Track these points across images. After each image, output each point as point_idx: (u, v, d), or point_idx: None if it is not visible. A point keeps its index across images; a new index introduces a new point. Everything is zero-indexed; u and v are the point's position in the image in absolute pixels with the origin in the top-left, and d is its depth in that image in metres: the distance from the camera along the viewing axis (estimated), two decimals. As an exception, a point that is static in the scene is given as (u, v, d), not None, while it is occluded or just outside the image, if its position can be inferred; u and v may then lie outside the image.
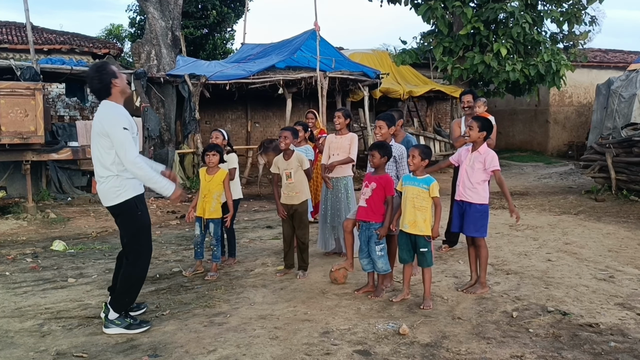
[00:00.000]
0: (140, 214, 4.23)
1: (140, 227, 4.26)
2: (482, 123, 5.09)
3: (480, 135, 5.06)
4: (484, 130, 5.06)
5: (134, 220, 4.22)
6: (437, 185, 4.83)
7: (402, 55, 18.41)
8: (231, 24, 24.72)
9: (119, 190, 4.14)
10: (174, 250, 7.08)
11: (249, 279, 5.67)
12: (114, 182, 4.15)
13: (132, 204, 4.18)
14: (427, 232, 4.78)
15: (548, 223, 8.65)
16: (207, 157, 5.86)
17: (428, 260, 4.80)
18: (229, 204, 5.92)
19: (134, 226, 4.24)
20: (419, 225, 4.77)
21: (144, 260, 4.34)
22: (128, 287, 4.29)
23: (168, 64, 14.44)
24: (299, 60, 14.75)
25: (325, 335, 4.11)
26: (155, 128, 12.36)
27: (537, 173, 16.60)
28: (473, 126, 5.07)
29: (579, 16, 17.58)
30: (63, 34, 18.99)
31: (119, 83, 4.20)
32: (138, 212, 4.21)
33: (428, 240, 4.79)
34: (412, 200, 4.80)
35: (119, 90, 4.22)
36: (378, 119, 5.56)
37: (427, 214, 4.78)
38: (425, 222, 4.77)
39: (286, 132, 5.78)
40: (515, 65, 16.66)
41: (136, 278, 4.32)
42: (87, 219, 9.45)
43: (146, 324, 4.30)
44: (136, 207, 4.21)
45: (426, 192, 4.76)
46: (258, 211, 10.56)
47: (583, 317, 4.50)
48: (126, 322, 4.21)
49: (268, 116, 18.72)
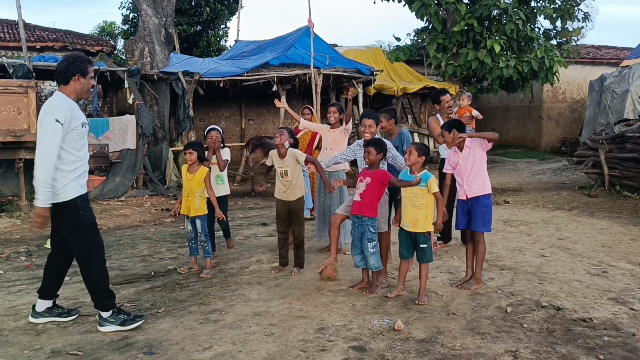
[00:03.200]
0: (82, 214, 4.09)
1: (83, 226, 4.12)
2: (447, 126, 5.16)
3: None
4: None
5: (76, 220, 4.09)
6: (435, 180, 4.84)
7: (396, 52, 18.46)
8: (225, 21, 24.69)
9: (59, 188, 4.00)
10: (168, 248, 7.07)
11: (244, 276, 5.67)
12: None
13: (73, 204, 4.04)
14: (428, 228, 4.79)
15: (542, 219, 8.68)
16: (186, 155, 5.89)
17: (428, 256, 4.82)
18: (212, 201, 5.91)
19: (77, 226, 4.11)
20: (420, 224, 4.79)
21: (95, 255, 4.21)
22: (95, 285, 4.21)
23: (162, 61, 14.40)
24: (293, 57, 14.73)
25: (320, 331, 4.12)
26: (148, 125, 12.32)
27: (531, 169, 16.67)
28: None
29: (572, 13, 17.67)
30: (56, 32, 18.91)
31: (82, 82, 4.12)
32: (79, 212, 4.08)
33: (428, 236, 4.80)
34: (411, 200, 4.81)
35: (77, 88, 4.12)
36: (364, 116, 5.45)
37: (429, 211, 4.79)
38: (427, 219, 4.79)
39: (282, 130, 5.81)
40: (508, 62, 16.74)
41: (97, 274, 4.20)
42: (81, 217, 9.40)
43: (140, 318, 4.28)
44: (77, 207, 4.06)
45: (424, 190, 4.76)
46: (253, 208, 10.55)
47: (577, 312, 4.53)
48: (120, 319, 4.18)
49: (262, 113, 18.72)
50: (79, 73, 4.09)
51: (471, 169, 5.10)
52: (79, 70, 4.09)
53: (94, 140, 11.61)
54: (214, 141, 6.29)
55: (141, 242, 7.48)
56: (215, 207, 5.90)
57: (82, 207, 4.10)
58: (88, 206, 4.22)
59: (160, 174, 12.81)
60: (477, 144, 5.09)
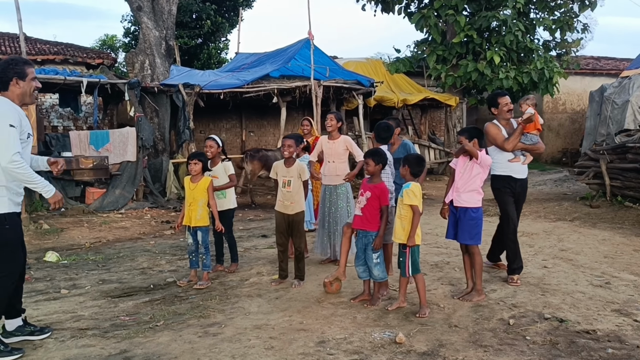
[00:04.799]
0: (7, 228, 3.94)
1: (4, 243, 3.95)
2: (470, 132, 5.12)
3: (474, 143, 5.07)
4: (474, 138, 5.06)
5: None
6: (411, 191, 4.71)
7: (396, 64, 18.50)
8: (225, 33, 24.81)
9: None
10: (168, 260, 7.03)
11: (244, 289, 5.63)
12: None
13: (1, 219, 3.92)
14: (403, 240, 4.76)
15: (543, 230, 8.64)
16: (189, 166, 5.85)
17: (401, 270, 4.79)
18: (213, 212, 5.87)
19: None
20: (397, 234, 4.81)
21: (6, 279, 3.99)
22: None
23: (162, 73, 14.43)
24: (293, 69, 14.78)
25: (321, 344, 4.08)
26: (149, 138, 12.32)
27: (532, 180, 16.63)
28: (462, 140, 5.08)
29: (571, 24, 17.72)
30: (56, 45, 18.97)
31: (22, 85, 3.99)
32: (6, 226, 3.94)
33: (403, 250, 4.76)
34: (398, 209, 4.82)
35: (18, 93, 3.99)
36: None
37: (406, 223, 4.75)
38: (405, 231, 4.75)
39: (289, 141, 5.72)
40: (508, 73, 16.76)
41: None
42: (80, 229, 9.39)
43: (18, 351, 3.95)
44: (5, 219, 3.93)
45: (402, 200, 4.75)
46: (253, 220, 10.52)
47: (580, 323, 4.48)
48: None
49: (263, 125, 18.73)
50: (16, 76, 3.97)
51: (465, 180, 5.08)
52: (15, 73, 3.97)
53: (94, 152, 11.62)
54: (208, 150, 6.17)
55: (141, 254, 7.45)
56: (215, 218, 5.87)
57: (10, 223, 3.97)
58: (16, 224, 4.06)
59: (160, 186, 12.80)
60: (483, 161, 5.04)
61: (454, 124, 18.83)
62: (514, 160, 5.63)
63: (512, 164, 5.64)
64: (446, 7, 16.80)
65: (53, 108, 16.56)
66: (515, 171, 5.66)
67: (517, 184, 5.69)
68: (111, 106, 15.48)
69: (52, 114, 16.72)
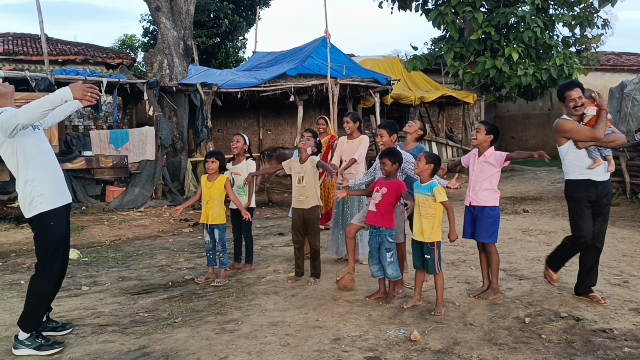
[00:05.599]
0: (52, 225, 4.03)
1: (50, 238, 4.05)
2: (490, 126, 5.11)
3: (488, 138, 5.06)
4: (491, 133, 5.07)
5: (45, 230, 4.03)
6: (441, 189, 4.78)
7: (413, 61, 18.44)
8: (243, 32, 24.92)
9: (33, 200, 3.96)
10: (186, 258, 7.12)
11: (260, 286, 5.69)
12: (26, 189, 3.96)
13: (46, 216, 4.00)
14: (434, 238, 4.76)
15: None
16: (207, 164, 5.93)
17: (430, 268, 4.79)
18: (235, 204, 5.98)
19: (43, 236, 4.05)
20: (425, 233, 4.77)
21: (49, 272, 4.09)
22: (35, 303, 4.06)
23: (180, 73, 14.57)
24: (310, 68, 14.82)
25: (336, 341, 4.11)
26: (167, 137, 12.47)
27: (551, 177, 16.47)
28: (480, 129, 5.09)
29: (591, 19, 17.51)
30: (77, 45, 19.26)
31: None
32: (50, 223, 4.03)
33: (431, 247, 4.76)
34: (418, 208, 4.81)
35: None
36: (379, 127, 5.56)
37: (435, 221, 4.76)
38: (434, 229, 4.76)
39: (310, 136, 5.88)
40: (527, 70, 16.62)
41: (40, 291, 4.07)
42: (100, 227, 9.54)
43: (59, 345, 4.07)
44: (49, 216, 4.02)
45: (430, 199, 4.74)
46: (270, 218, 10.59)
47: (597, 322, 4.46)
48: (37, 343, 3.99)
49: (280, 124, 18.81)
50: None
51: (481, 180, 5.06)
52: None
53: (113, 151, 11.78)
54: (235, 144, 6.28)
55: (159, 252, 7.55)
56: (240, 209, 5.94)
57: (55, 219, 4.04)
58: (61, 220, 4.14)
59: (178, 184, 12.94)
60: (495, 159, 5.03)
61: (472, 122, 18.72)
62: (594, 166, 4.81)
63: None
64: (463, 3, 16.69)
65: (74, 108, 16.78)
66: (595, 173, 4.84)
67: (598, 189, 4.83)
68: (130, 106, 15.67)
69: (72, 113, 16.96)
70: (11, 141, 3.91)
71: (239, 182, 6.23)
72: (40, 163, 4.04)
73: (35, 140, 4.07)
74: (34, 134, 4.08)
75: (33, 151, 4.01)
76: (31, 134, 4.04)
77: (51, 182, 4.10)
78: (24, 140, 3.96)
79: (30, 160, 3.98)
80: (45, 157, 4.11)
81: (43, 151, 4.10)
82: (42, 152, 4.08)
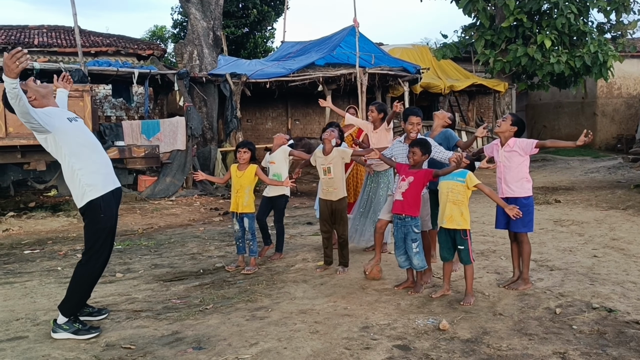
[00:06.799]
0: (103, 217, 4.16)
1: (100, 229, 4.18)
2: (517, 119, 5.07)
3: (512, 129, 5.00)
4: (516, 125, 5.00)
5: (96, 221, 4.16)
6: (472, 174, 4.77)
7: (442, 50, 18.25)
8: (271, 22, 24.96)
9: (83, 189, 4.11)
10: (216, 246, 7.23)
11: (289, 274, 5.75)
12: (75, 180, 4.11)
13: (96, 204, 4.14)
14: (464, 226, 4.74)
15: (594, 218, 8.43)
16: (238, 154, 6.00)
17: (465, 258, 4.77)
18: (270, 183, 6.20)
19: (94, 226, 4.18)
20: (455, 220, 4.74)
21: (96, 262, 4.22)
22: (78, 290, 4.19)
23: (210, 63, 14.70)
24: (339, 57, 14.78)
25: (365, 330, 4.14)
26: (197, 127, 12.62)
27: (584, 167, 16.17)
28: (507, 119, 5.05)
29: (626, 5, 17.05)
30: (109, 37, 19.54)
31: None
32: (101, 214, 4.16)
33: (464, 237, 4.74)
34: (446, 195, 4.78)
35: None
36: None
37: (463, 208, 4.74)
38: (463, 216, 4.74)
39: (334, 129, 5.94)
40: (560, 57, 16.30)
41: (85, 279, 4.20)
42: (133, 216, 9.74)
43: (96, 330, 4.17)
44: (100, 208, 4.15)
45: (461, 185, 4.72)
46: (298, 207, 10.65)
47: (630, 314, 4.39)
48: (74, 327, 4.10)
49: (308, 113, 18.85)
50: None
51: (509, 170, 5.01)
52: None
53: (145, 141, 11.98)
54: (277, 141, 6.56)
55: (191, 240, 7.68)
56: (279, 184, 6.15)
57: (104, 208, 4.19)
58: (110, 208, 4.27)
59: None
60: (520, 148, 4.98)
61: (503, 110, 18.46)
62: None
63: None
64: (495, -10, 16.42)
65: (106, 98, 17.12)
66: None
67: None
68: (161, 96, 15.89)
69: (105, 104, 17.27)
70: (52, 136, 4.08)
71: (274, 170, 6.39)
72: (84, 153, 4.20)
73: (75, 131, 4.23)
74: (71, 125, 4.23)
75: (74, 142, 4.16)
76: (68, 125, 4.19)
77: (97, 171, 4.26)
78: (64, 133, 4.12)
79: (74, 150, 4.14)
80: (87, 147, 4.25)
81: (84, 141, 4.25)
82: (83, 143, 4.23)
